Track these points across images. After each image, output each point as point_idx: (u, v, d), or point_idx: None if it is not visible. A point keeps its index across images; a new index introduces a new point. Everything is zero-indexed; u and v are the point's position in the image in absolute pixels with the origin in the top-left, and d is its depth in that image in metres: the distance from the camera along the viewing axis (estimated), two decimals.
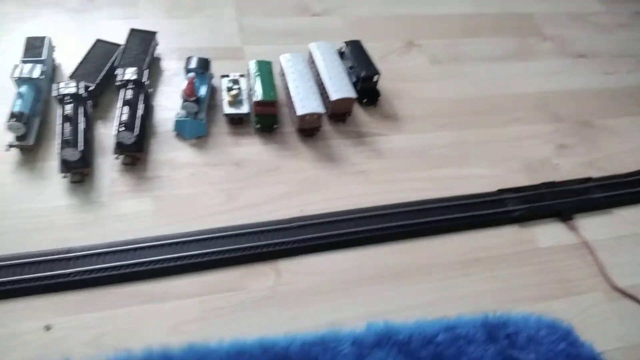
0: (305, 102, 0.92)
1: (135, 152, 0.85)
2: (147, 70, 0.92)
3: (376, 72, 1.01)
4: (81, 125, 0.83)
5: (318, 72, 0.99)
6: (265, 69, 0.96)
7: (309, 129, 0.95)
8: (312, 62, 1.03)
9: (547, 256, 0.85)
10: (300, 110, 0.91)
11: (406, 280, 0.80)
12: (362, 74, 1.00)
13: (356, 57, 1.03)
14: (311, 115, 0.92)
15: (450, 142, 1.00)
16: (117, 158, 0.86)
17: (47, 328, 0.68)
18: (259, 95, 0.92)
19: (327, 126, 0.99)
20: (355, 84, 1.00)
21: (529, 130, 1.05)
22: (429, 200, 0.89)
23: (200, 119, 0.91)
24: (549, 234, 0.88)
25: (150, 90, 0.95)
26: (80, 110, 0.85)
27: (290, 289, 0.77)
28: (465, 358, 0.72)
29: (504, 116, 1.07)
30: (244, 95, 0.96)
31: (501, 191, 0.92)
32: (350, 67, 1.03)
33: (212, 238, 0.79)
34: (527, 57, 1.22)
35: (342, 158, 0.94)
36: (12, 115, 0.81)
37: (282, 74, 1.01)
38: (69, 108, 0.83)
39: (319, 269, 0.79)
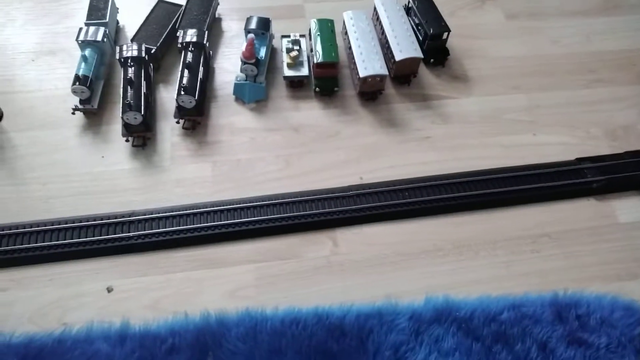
0: (368, 64, 0.87)
1: (195, 116, 0.85)
2: (208, 32, 0.90)
3: (445, 29, 0.94)
4: (143, 89, 0.83)
5: (383, 30, 0.94)
6: (327, 28, 0.92)
7: (370, 92, 0.90)
8: (376, 19, 0.97)
9: (626, 232, 0.78)
10: (362, 72, 0.86)
11: (469, 254, 0.76)
12: (430, 31, 0.93)
13: (424, 13, 0.96)
14: (373, 77, 0.87)
15: (525, 106, 0.93)
16: (178, 122, 0.86)
17: (109, 289, 0.71)
18: (319, 56, 0.88)
19: (390, 89, 0.94)
20: (422, 43, 0.94)
21: (612, 93, 0.95)
22: (499, 170, 0.83)
23: (259, 82, 0.89)
24: (629, 208, 0.81)
25: (210, 52, 0.93)
26: (143, 73, 0.85)
27: (346, 259, 0.75)
28: (531, 339, 0.68)
29: (584, 77, 0.97)
30: (304, 57, 0.93)
31: (579, 160, 0.85)
32: (417, 24, 0.96)
33: (269, 205, 0.78)
34: (611, 11, 1.09)
35: (405, 123, 0.89)
36: (77, 79, 0.83)
37: (345, 33, 0.96)
38: (131, 71, 0.84)
39: (378, 239, 0.77)
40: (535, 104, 0.93)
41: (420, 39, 0.95)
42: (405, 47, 0.90)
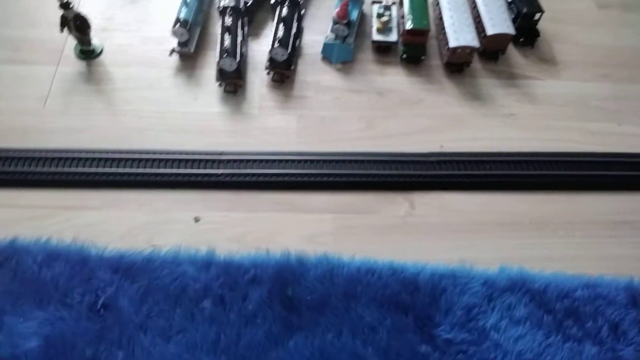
0: (459, 35, 0.88)
1: (285, 69, 0.87)
2: None
3: (539, 10, 0.93)
4: (239, 38, 0.86)
5: (475, 5, 0.94)
6: None
7: (458, 63, 0.91)
8: None
9: None
10: (452, 42, 0.87)
11: (547, 231, 0.76)
12: (524, 10, 0.92)
13: None
14: (464, 48, 0.87)
15: (612, 95, 0.91)
16: (268, 74, 0.89)
17: (196, 220, 0.74)
18: (410, 23, 0.89)
19: (476, 63, 0.94)
20: (513, 21, 0.94)
21: None
22: (583, 154, 0.82)
23: (348, 44, 0.91)
24: None
25: (303, 10, 0.96)
26: (239, 23, 0.88)
27: (422, 221, 0.76)
28: (603, 319, 0.68)
29: None
30: (394, 23, 0.94)
31: None
32: (510, 3, 0.96)
33: (350, 161, 0.80)
34: None
35: (489, 98, 0.89)
36: (177, 21, 0.86)
37: (437, 4, 0.96)
38: (229, 20, 0.87)
39: (455, 206, 0.78)
40: (622, 94, 0.92)
41: (512, 17, 0.94)
42: (498, 22, 0.90)
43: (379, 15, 0.93)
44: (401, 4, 0.95)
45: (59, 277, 0.67)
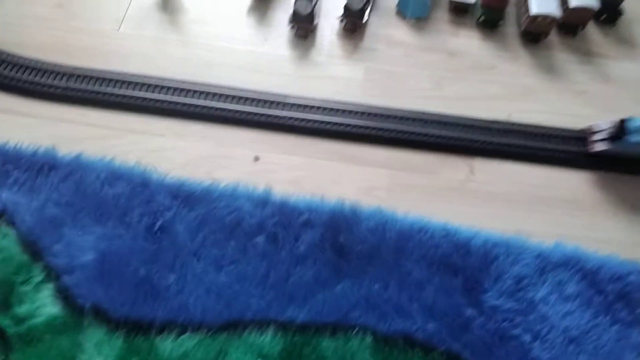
0: (542, 3, 0.84)
1: (358, 18, 0.86)
2: None
3: None
4: None
5: None
6: None
7: (536, 32, 0.87)
8: None
9: None
10: (534, 9, 0.83)
11: (607, 214, 0.74)
12: None
13: None
14: (544, 17, 0.84)
15: None
16: (341, 22, 0.87)
17: (256, 159, 0.75)
18: None
19: (553, 36, 0.90)
20: None
21: None
22: None
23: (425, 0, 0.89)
24: None
25: None
26: None
27: (481, 187, 0.75)
28: None
29: None
30: None
31: None
32: None
33: (413, 119, 0.79)
34: None
35: (563, 72, 0.86)
36: None
37: None
38: None
39: (517, 177, 0.76)
40: None
41: None
42: None
43: None
44: None
45: (119, 196, 0.69)
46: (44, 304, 0.60)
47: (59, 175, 0.69)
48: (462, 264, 0.68)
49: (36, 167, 0.69)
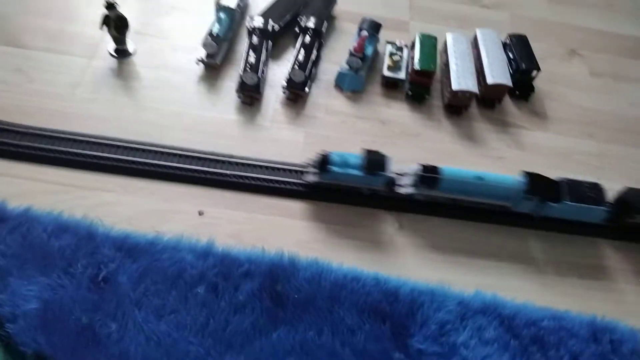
0: (462, 80, 0.96)
1: (300, 90, 0.95)
2: (326, 23, 1.01)
3: (536, 67, 1.02)
4: (262, 57, 0.94)
5: (479, 56, 1.03)
6: (429, 43, 1.02)
7: (458, 105, 0.99)
8: (475, 46, 1.06)
9: None
10: (455, 86, 0.95)
11: (523, 265, 0.82)
12: (522, 66, 1.01)
13: (519, 50, 1.05)
14: (464, 92, 0.96)
15: (595, 152, 0.99)
16: (284, 92, 0.96)
17: (200, 213, 0.80)
18: (418, 64, 0.97)
19: (474, 108, 1.02)
20: (512, 75, 1.02)
21: None
22: None
23: (360, 75, 0.99)
24: None
25: (323, 41, 1.04)
26: (264, 44, 0.96)
27: (409, 241, 0.82)
28: (565, 349, 0.73)
29: None
30: (404, 63, 1.02)
31: None
32: (511, 59, 1.05)
33: None
34: None
35: (482, 140, 0.97)
36: (210, 35, 0.94)
37: (445, 52, 1.05)
38: (256, 40, 0.95)
39: (440, 231, 0.84)
40: (605, 153, 0.99)
41: (511, 72, 1.03)
42: (498, 74, 0.98)
43: (391, 54, 1.02)
44: (412, 47, 1.04)
45: (65, 248, 0.71)
46: None
47: (7, 228, 0.71)
48: (390, 311, 0.73)
49: None
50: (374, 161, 0.81)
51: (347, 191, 0.84)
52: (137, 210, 0.78)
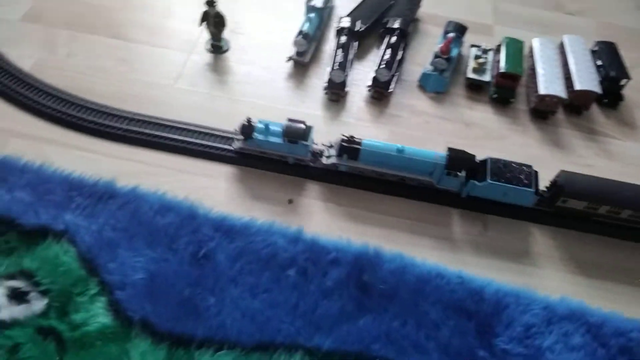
0: (549, 84, 0.95)
1: (384, 89, 0.97)
2: (412, 24, 1.03)
3: (626, 76, 1.00)
4: (350, 56, 0.97)
5: (566, 63, 1.02)
6: (516, 46, 1.02)
7: (544, 110, 0.98)
8: (561, 52, 1.05)
9: None
10: (542, 90, 0.95)
11: (604, 277, 0.80)
12: (611, 73, 1.00)
13: (607, 58, 1.03)
14: (551, 97, 0.95)
15: None
16: (369, 91, 0.98)
17: (290, 201, 0.83)
18: (504, 67, 0.97)
19: (560, 114, 1.01)
20: (600, 83, 1.00)
21: None
22: None
23: (444, 76, 1.00)
24: None
25: (407, 42, 1.06)
26: (351, 44, 0.99)
27: (493, 243, 0.82)
28: None
29: None
30: (489, 66, 1.02)
31: None
32: (599, 66, 1.03)
33: None
34: None
35: (569, 147, 0.96)
36: (300, 33, 0.98)
37: (531, 56, 1.05)
38: (344, 39, 0.98)
39: (527, 235, 0.83)
40: None
41: (600, 79, 1.01)
42: (586, 80, 0.97)
43: (477, 57, 1.03)
44: (498, 50, 1.04)
45: (169, 226, 0.77)
46: (97, 314, 0.66)
47: (117, 204, 0.77)
48: (475, 309, 0.73)
49: (97, 196, 0.78)
50: (294, 130, 0.82)
51: (272, 159, 0.86)
52: (232, 196, 0.83)
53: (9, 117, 0.88)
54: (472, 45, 1.06)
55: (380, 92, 0.98)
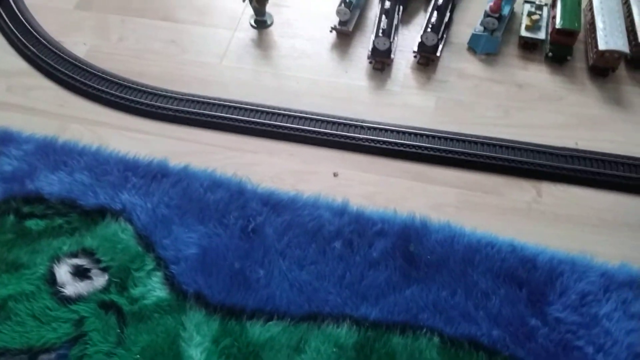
0: (610, 39, 0.89)
1: (431, 54, 0.94)
2: None
3: None
4: (394, 22, 0.94)
5: (630, 13, 0.94)
6: (573, 0, 0.95)
7: (603, 67, 0.91)
8: (624, 3, 0.97)
9: None
10: (602, 45, 0.88)
11: None
12: None
13: None
14: (612, 52, 0.88)
15: None
16: (415, 56, 0.96)
17: (335, 174, 0.84)
18: (561, 23, 0.91)
19: (622, 70, 0.94)
20: None
21: None
22: None
23: (496, 37, 0.96)
24: None
25: (455, 2, 1.02)
26: (396, 9, 0.96)
27: (547, 209, 0.79)
28: None
29: None
30: (544, 22, 0.97)
31: None
32: None
33: (482, 143, 0.85)
34: None
35: (631, 105, 0.89)
36: (342, 2, 0.96)
37: (589, 9, 0.97)
38: (388, 4, 0.95)
39: (583, 201, 0.80)
40: None
41: None
42: None
43: (530, 14, 0.97)
44: (553, 5, 0.97)
45: (219, 201, 0.79)
46: (154, 288, 0.71)
47: (170, 182, 0.81)
48: (527, 278, 0.72)
49: (151, 175, 0.82)
50: None
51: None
52: (278, 170, 0.84)
53: (68, 104, 0.93)
54: (525, 1, 1.00)
55: (427, 57, 0.96)
